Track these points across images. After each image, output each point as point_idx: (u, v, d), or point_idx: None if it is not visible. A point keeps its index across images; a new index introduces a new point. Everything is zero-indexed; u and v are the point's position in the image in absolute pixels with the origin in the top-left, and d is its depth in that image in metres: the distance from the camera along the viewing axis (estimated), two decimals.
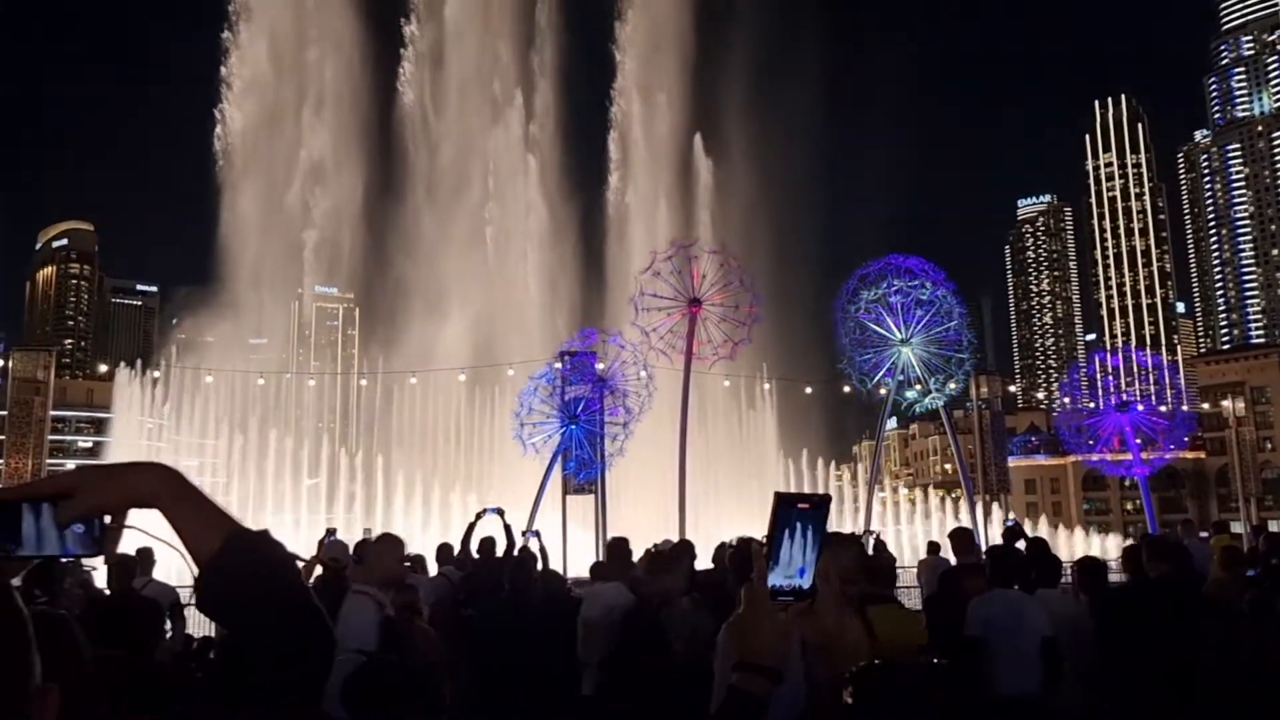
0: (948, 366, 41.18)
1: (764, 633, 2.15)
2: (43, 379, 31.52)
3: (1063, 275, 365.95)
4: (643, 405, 39.13)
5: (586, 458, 38.14)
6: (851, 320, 40.76)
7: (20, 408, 30.99)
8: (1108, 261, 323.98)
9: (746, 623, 2.17)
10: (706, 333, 40.77)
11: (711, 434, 67.93)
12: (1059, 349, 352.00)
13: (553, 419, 39.14)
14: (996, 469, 44.94)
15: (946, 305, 40.40)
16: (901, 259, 40.61)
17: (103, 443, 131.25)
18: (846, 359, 41.53)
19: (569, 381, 38.90)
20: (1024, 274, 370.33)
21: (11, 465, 30.75)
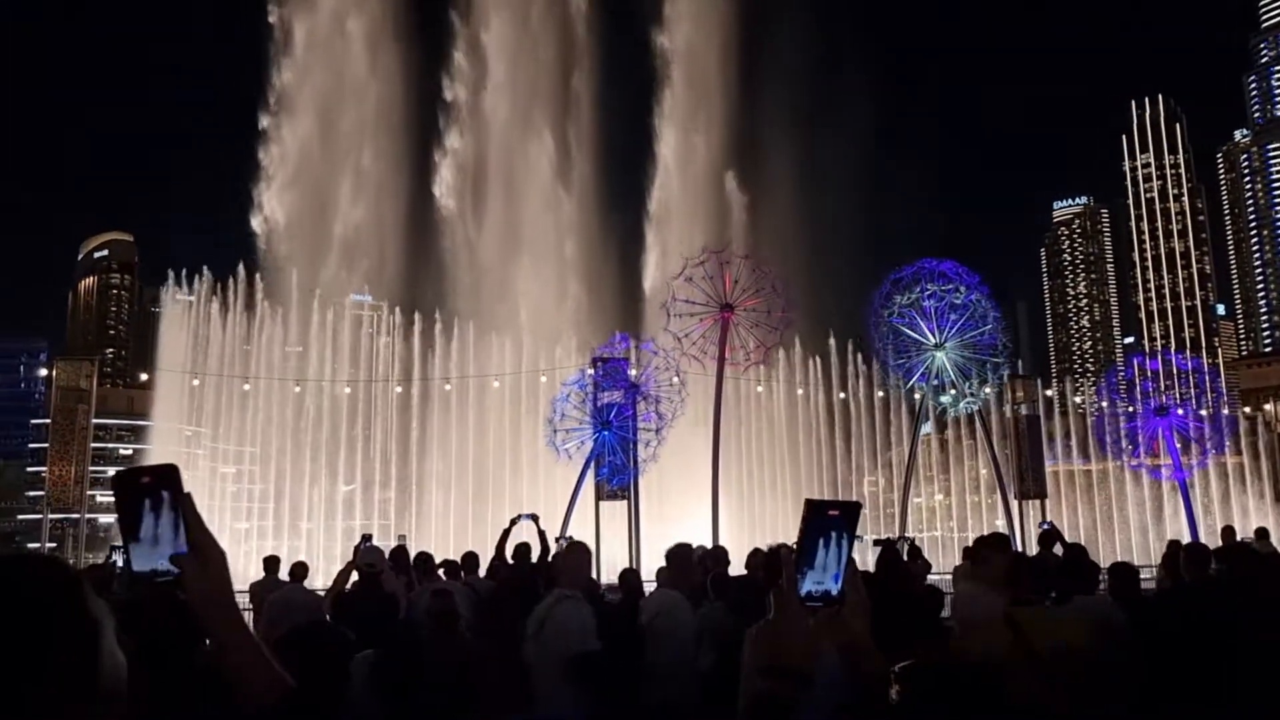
0: (983, 371, 40.86)
1: (793, 637, 2.19)
2: (86, 387, 32.04)
3: (1100, 278, 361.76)
4: (675, 411, 39.14)
5: (619, 463, 38.18)
6: (885, 325, 40.54)
7: (64, 416, 31.53)
8: (1146, 264, 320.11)
9: (776, 627, 2.21)
10: (739, 338, 40.74)
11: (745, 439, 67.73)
12: (1096, 353, 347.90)
13: (586, 425, 39.23)
14: (1033, 473, 44.44)
15: (981, 309, 40.08)
16: (935, 263, 40.35)
17: (143, 450, 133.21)
18: (880, 364, 41.33)
19: (601, 387, 38.99)
20: (1060, 277, 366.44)
21: (55, 472, 31.28)
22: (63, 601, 1.47)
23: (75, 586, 1.51)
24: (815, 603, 2.22)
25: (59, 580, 1.50)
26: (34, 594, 1.45)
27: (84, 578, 1.56)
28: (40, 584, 1.48)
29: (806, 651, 2.19)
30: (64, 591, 1.49)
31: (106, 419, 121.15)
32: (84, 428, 31.43)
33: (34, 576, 1.50)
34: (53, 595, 1.47)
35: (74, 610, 1.48)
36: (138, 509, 1.94)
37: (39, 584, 1.48)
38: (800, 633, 2.19)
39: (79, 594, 1.51)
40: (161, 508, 1.95)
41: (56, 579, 1.51)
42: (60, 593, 1.48)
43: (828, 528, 2.25)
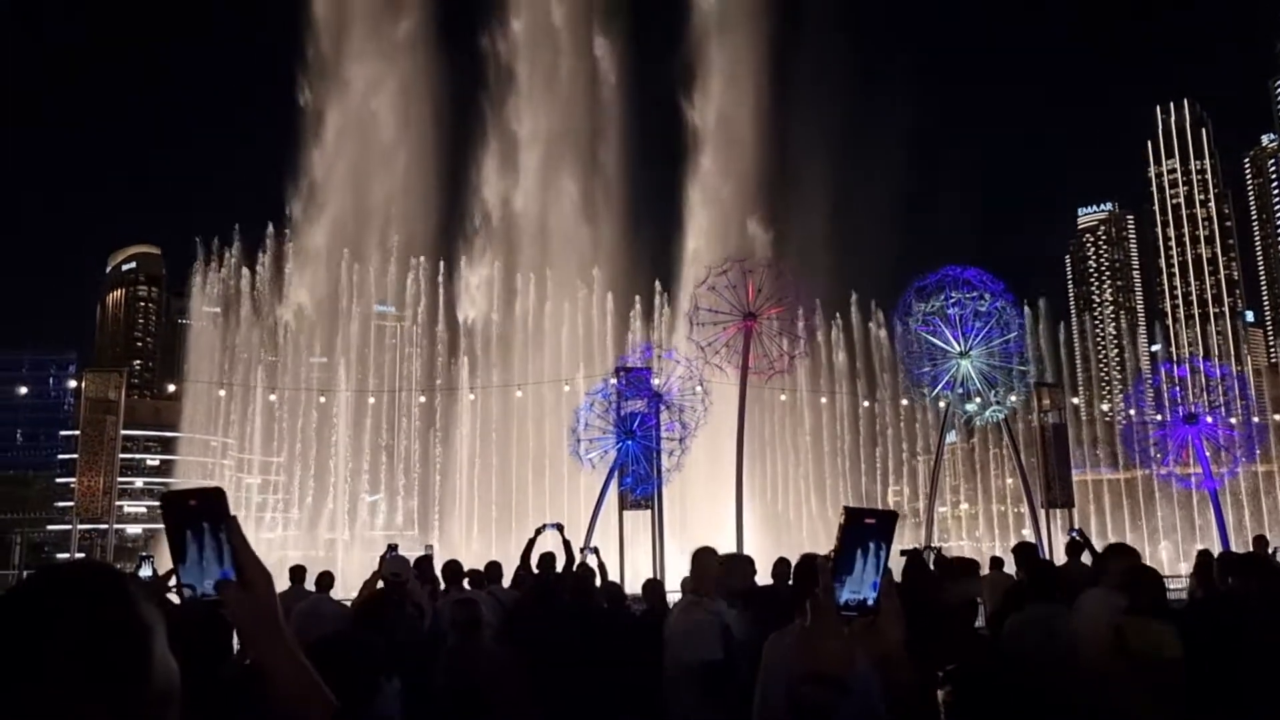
0: (1008, 379, 40.57)
1: (829, 645, 2.17)
2: (114, 399, 32.31)
3: (1126, 285, 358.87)
4: (698, 420, 39.09)
5: (643, 473, 38.13)
6: (909, 333, 40.38)
7: (92, 427, 31.81)
8: (1172, 270, 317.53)
9: (812, 635, 2.20)
10: (762, 347, 40.65)
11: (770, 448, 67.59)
12: (1122, 360, 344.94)
13: (609, 434, 39.23)
14: (1060, 482, 44.04)
15: (1005, 316, 39.83)
16: (959, 270, 40.13)
17: (170, 460, 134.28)
18: (905, 372, 41.15)
19: (625, 396, 38.99)
20: (1085, 284, 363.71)
21: (84, 484, 31.56)
22: (113, 605, 1.50)
23: (125, 591, 1.55)
24: (851, 612, 2.20)
25: (108, 585, 1.54)
26: (85, 598, 1.48)
27: (134, 584, 1.59)
28: (91, 588, 1.52)
29: (844, 660, 2.17)
30: (114, 595, 1.52)
31: (134, 430, 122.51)
32: (112, 439, 31.66)
33: (84, 581, 1.54)
34: (103, 599, 1.51)
35: (124, 613, 1.51)
36: (184, 531, 1.97)
37: (90, 588, 1.52)
38: (837, 641, 2.17)
39: (129, 598, 1.54)
40: (207, 531, 1.98)
41: (106, 583, 1.54)
42: (110, 596, 1.51)
43: (865, 536, 2.24)
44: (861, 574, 2.22)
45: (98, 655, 1.44)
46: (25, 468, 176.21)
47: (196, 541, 1.97)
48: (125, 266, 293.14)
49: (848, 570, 2.21)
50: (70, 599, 1.48)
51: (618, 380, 40.10)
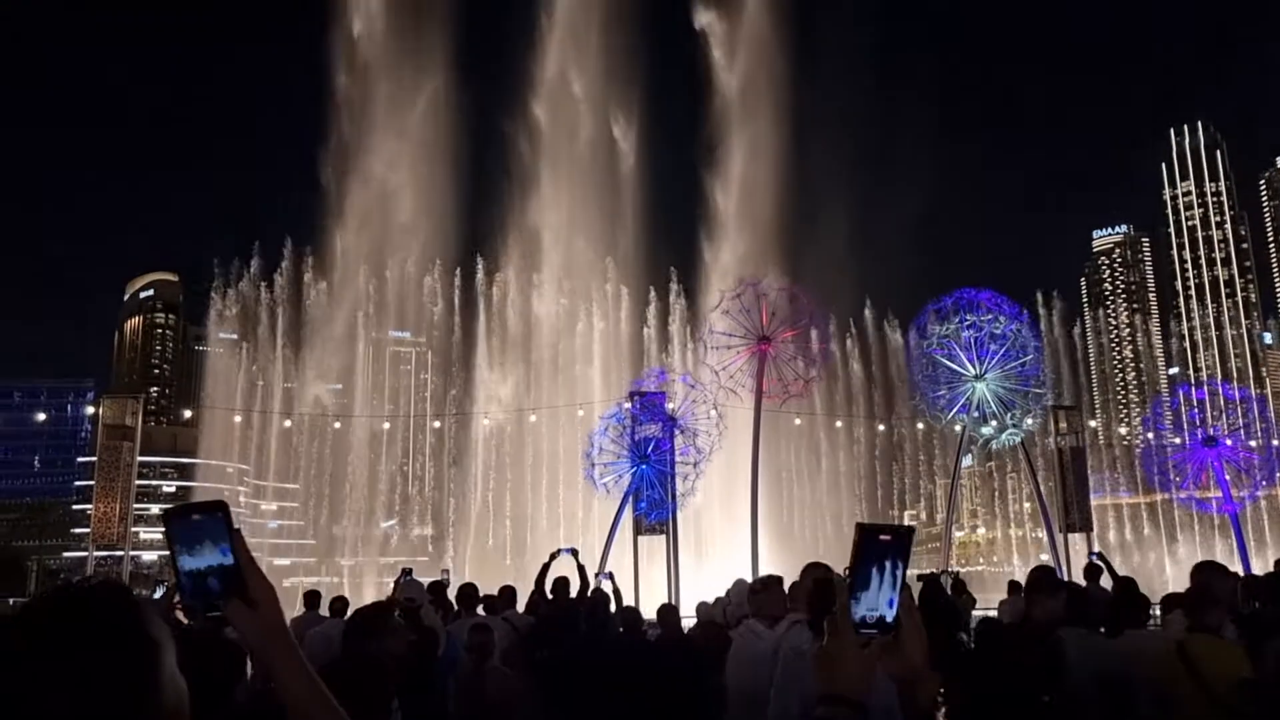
0: (1025, 401, 40.31)
1: (847, 664, 2.13)
2: (131, 424, 32.42)
3: (1142, 308, 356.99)
4: (713, 445, 38.95)
5: (658, 498, 37.97)
6: (924, 356, 40.18)
7: (109, 453, 31.92)
8: (1189, 293, 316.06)
9: (829, 654, 2.16)
10: (777, 371, 40.55)
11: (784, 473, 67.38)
12: (1140, 384, 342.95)
13: (623, 459, 39.11)
14: (1078, 507, 43.61)
15: (1021, 339, 39.62)
16: (973, 292, 39.96)
17: (187, 487, 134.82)
18: (919, 396, 40.90)
19: (639, 421, 38.88)
20: (1101, 307, 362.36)
21: (100, 510, 31.63)
22: (122, 621, 1.51)
23: (134, 607, 1.56)
24: (869, 630, 2.16)
25: (117, 601, 1.54)
26: (94, 613, 1.49)
27: (144, 602, 1.59)
28: (100, 604, 1.52)
29: (862, 680, 2.13)
30: (123, 611, 1.53)
31: (151, 456, 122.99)
32: (128, 465, 31.75)
33: (94, 597, 1.55)
34: (113, 614, 1.51)
35: (134, 629, 1.51)
36: (189, 547, 1.95)
37: (99, 604, 1.52)
38: (855, 660, 2.13)
39: (138, 614, 1.55)
40: (211, 547, 1.96)
41: (115, 600, 1.55)
42: (120, 612, 1.52)
43: (880, 553, 2.21)
44: (878, 591, 2.18)
45: (107, 670, 1.44)
46: (43, 495, 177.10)
47: (200, 558, 1.95)
48: (143, 294, 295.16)
49: (864, 587, 2.18)
50: (80, 614, 1.49)
51: (632, 404, 40.02)
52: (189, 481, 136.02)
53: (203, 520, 1.98)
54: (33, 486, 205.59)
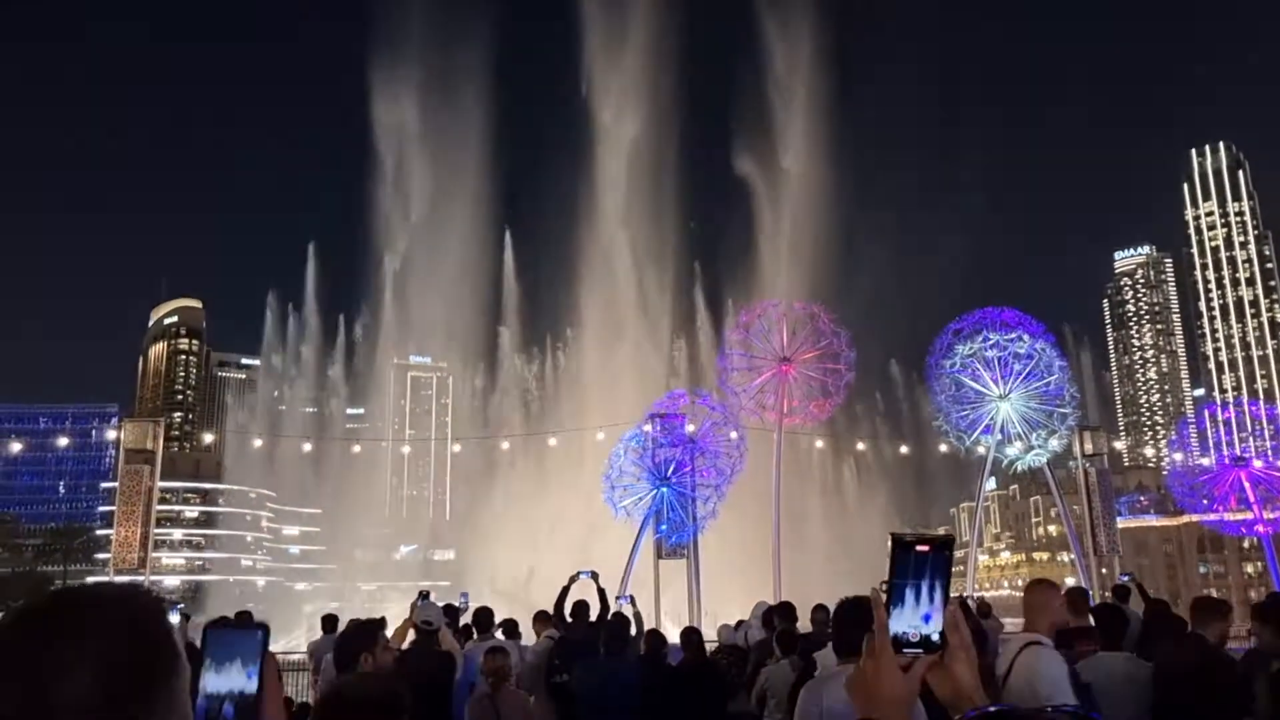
0: (1049, 422, 39.82)
1: (887, 686, 1.97)
2: (152, 448, 32.43)
3: (1166, 328, 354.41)
4: (734, 466, 38.68)
5: (678, 520, 37.68)
6: (947, 376, 39.82)
7: (130, 477, 31.92)
8: (1213, 313, 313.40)
9: (866, 675, 1.99)
10: (798, 392, 40.31)
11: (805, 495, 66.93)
12: (1165, 405, 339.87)
13: (643, 481, 38.87)
14: (1105, 530, 42.84)
15: (1046, 358, 39.21)
16: (997, 312, 39.63)
17: (210, 513, 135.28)
18: (943, 416, 40.51)
19: (659, 443, 38.66)
20: (1124, 328, 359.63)
21: (121, 534, 31.62)
22: (153, 621, 1.54)
23: (165, 614, 1.59)
24: (913, 649, 1.99)
25: (152, 603, 1.57)
26: (127, 610, 1.52)
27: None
28: (134, 603, 1.54)
29: (904, 703, 1.96)
30: (155, 613, 1.56)
31: (174, 482, 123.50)
32: (149, 488, 31.73)
33: (129, 596, 1.57)
34: (145, 613, 1.54)
35: (162, 631, 1.54)
36: (218, 660, 1.91)
37: (133, 603, 1.54)
38: (895, 682, 1.96)
39: (168, 622, 1.59)
40: (242, 662, 1.91)
41: (149, 602, 1.57)
42: (152, 613, 1.55)
43: (918, 565, 2.04)
44: (917, 607, 2.01)
45: (134, 664, 1.45)
46: (67, 520, 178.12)
47: (225, 677, 1.91)
48: (167, 320, 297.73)
49: (900, 603, 2.01)
50: (112, 608, 1.51)
51: (652, 427, 39.83)
52: (211, 507, 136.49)
53: (240, 636, 1.96)
54: (57, 512, 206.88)
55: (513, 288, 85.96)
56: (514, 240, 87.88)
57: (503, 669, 8.71)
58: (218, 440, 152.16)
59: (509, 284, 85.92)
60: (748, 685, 11.61)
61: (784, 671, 10.21)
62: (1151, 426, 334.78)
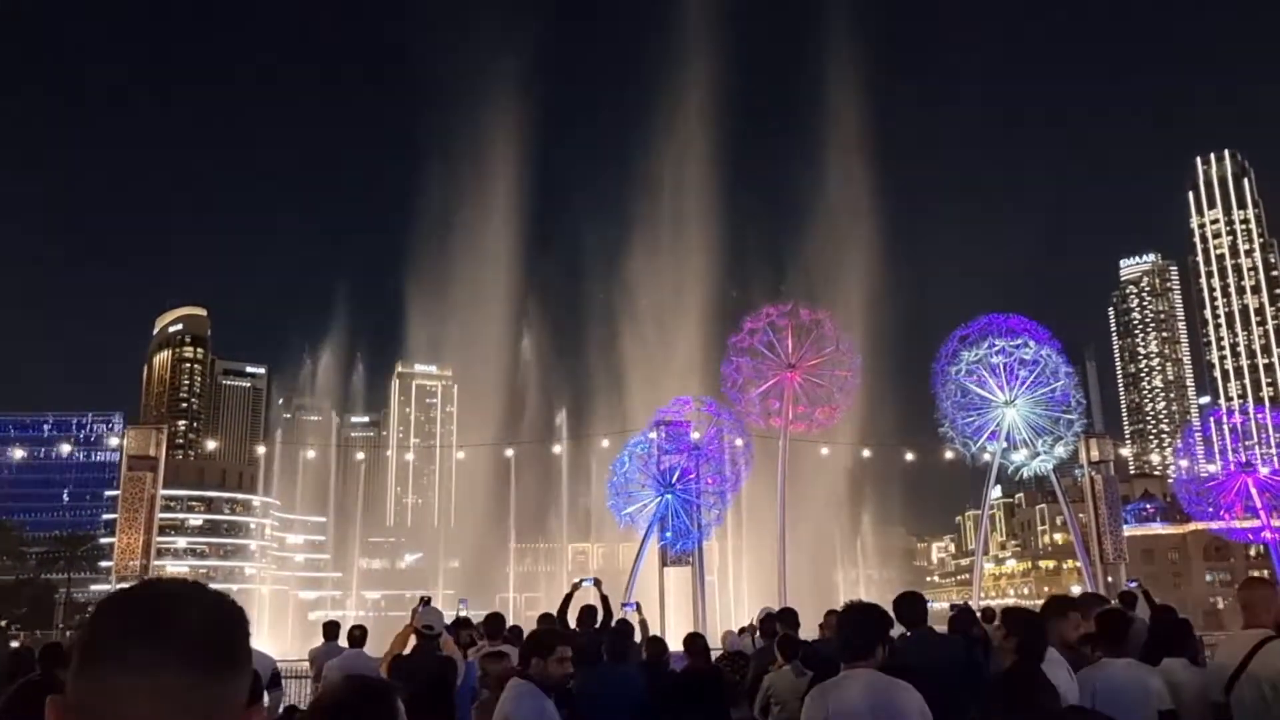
0: (1055, 428, 39.64)
1: None
2: (155, 455, 32.36)
3: (1171, 336, 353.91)
4: (739, 474, 38.54)
5: (683, 527, 37.52)
6: (952, 383, 39.67)
7: (133, 484, 31.81)
8: (1219, 321, 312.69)
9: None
10: (804, 399, 40.19)
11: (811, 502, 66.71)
12: (1170, 413, 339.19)
13: (648, 489, 38.72)
14: (1112, 537, 42.60)
15: (1052, 364, 39.05)
16: (1003, 318, 39.48)
17: (215, 520, 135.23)
18: (948, 423, 40.33)
19: (664, 450, 38.52)
20: (1130, 336, 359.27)
21: (123, 541, 31.53)
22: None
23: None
24: None
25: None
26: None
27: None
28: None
29: None
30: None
31: (178, 490, 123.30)
32: (152, 495, 31.62)
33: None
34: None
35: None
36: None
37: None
38: None
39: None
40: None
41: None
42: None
43: None
44: None
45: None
46: (71, 527, 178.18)
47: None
48: (172, 328, 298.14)
49: None
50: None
51: (657, 435, 39.70)
52: (216, 515, 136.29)
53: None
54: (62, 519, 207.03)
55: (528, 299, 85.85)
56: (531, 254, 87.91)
57: (505, 674, 8.60)
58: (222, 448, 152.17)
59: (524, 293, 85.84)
60: (750, 693, 11.51)
61: (787, 678, 10.12)
62: (1157, 434, 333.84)
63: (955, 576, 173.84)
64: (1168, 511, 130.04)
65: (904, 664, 6.62)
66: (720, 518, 38.74)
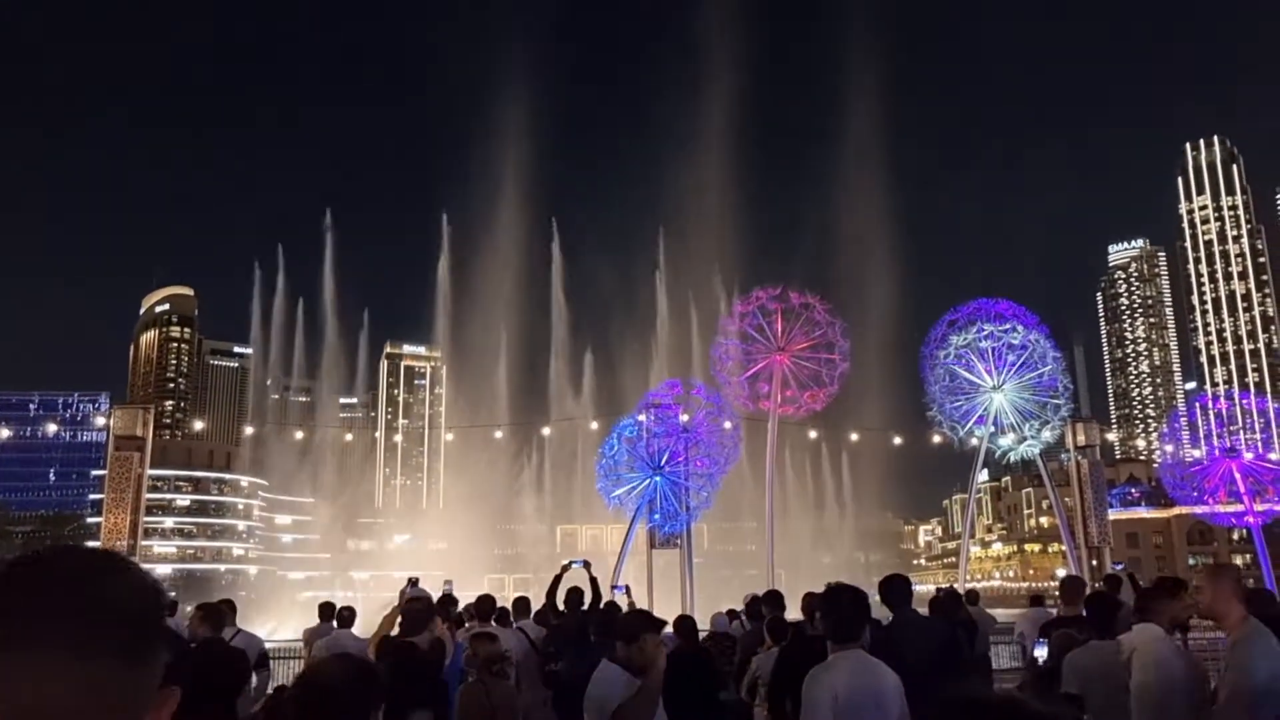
0: (1043, 413, 39.82)
1: None
2: (141, 435, 32.21)
3: (1159, 322, 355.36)
4: (728, 456, 38.62)
5: (672, 510, 37.63)
6: (941, 367, 39.79)
7: (120, 464, 31.67)
8: (1206, 307, 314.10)
9: None
10: (793, 382, 40.25)
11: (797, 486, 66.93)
12: (1157, 398, 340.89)
13: (637, 471, 38.79)
14: (1097, 521, 42.84)
15: (1040, 349, 39.20)
16: (991, 303, 39.61)
17: (203, 501, 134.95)
18: (936, 407, 40.47)
19: (653, 433, 38.58)
20: (1118, 321, 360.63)
21: (110, 521, 31.43)
22: (135, 571, 1.47)
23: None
24: None
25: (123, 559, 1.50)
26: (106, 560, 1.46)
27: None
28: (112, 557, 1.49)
29: None
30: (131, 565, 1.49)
31: (165, 470, 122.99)
32: (139, 475, 31.51)
33: (105, 552, 1.51)
34: (122, 563, 1.47)
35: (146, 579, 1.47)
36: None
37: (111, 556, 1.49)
38: None
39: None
40: None
41: (122, 558, 1.51)
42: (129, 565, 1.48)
43: None
44: None
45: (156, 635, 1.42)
46: (58, 507, 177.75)
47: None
48: (159, 308, 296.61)
49: None
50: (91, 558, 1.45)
51: (646, 417, 39.75)
52: (204, 495, 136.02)
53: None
54: (48, 499, 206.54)
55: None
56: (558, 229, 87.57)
57: (492, 655, 8.61)
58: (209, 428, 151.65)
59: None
60: (737, 675, 11.57)
61: (768, 661, 10.17)
62: (1144, 419, 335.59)
63: (942, 559, 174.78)
64: (1152, 496, 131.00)
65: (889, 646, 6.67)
66: (709, 500, 38.84)
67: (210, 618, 9.78)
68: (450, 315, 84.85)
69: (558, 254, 78.90)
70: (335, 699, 2.72)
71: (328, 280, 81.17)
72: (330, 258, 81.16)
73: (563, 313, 77.19)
